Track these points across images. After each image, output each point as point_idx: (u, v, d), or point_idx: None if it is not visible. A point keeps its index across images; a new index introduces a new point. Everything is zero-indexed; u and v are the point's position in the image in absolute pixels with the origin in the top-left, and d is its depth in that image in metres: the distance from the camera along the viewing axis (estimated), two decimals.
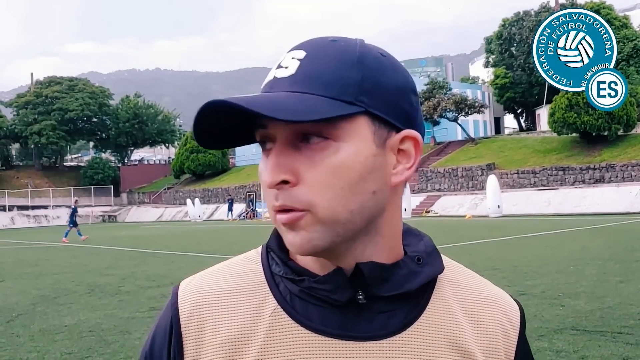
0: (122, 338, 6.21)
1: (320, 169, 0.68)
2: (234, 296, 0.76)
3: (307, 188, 0.68)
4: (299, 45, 0.72)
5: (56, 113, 64.95)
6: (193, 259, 14.27)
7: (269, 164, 0.69)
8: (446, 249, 13.57)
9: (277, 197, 0.68)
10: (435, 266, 0.78)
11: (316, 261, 0.74)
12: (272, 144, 0.69)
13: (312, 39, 0.73)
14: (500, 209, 29.39)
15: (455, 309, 0.78)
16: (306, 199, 0.68)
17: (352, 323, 0.73)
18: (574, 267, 9.89)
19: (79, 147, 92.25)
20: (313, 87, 0.67)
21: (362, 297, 0.72)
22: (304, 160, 0.68)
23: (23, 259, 17.10)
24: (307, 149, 0.68)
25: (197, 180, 58.62)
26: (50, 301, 8.90)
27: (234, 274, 0.79)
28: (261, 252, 0.82)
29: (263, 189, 0.72)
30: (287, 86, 0.68)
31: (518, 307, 0.85)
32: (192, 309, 0.76)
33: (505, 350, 0.79)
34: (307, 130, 0.68)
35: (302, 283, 0.74)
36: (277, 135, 0.69)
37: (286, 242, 0.71)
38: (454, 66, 77.27)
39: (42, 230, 42.23)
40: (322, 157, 0.68)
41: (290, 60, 0.70)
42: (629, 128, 33.89)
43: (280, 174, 0.67)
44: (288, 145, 0.68)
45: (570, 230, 18.10)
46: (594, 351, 4.99)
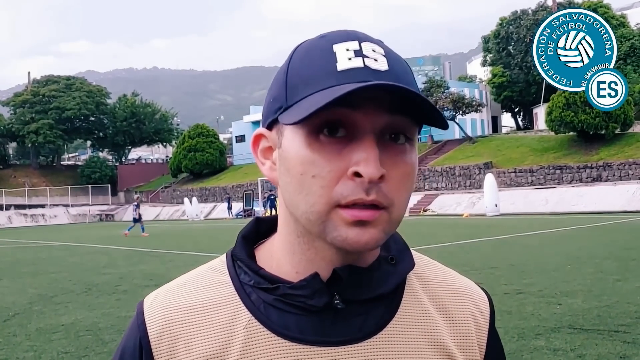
0: (119, 337, 6.17)
1: (401, 170, 0.67)
2: (205, 310, 0.74)
3: (391, 186, 0.67)
4: (365, 38, 0.70)
5: (53, 112, 64.82)
6: (190, 258, 14.26)
7: (371, 156, 0.64)
8: (443, 247, 13.59)
9: (369, 191, 0.65)
10: (407, 263, 0.78)
11: (300, 267, 0.73)
12: (346, 131, 0.66)
13: (362, 32, 0.71)
14: (497, 208, 29.41)
15: (426, 304, 0.78)
16: (390, 197, 0.66)
17: (328, 328, 0.72)
18: (571, 265, 9.90)
19: (76, 146, 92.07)
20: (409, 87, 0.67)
21: (339, 302, 0.71)
22: (387, 158, 0.66)
23: (20, 258, 17.08)
24: (393, 147, 0.67)
25: (194, 179, 58.56)
26: (47, 300, 8.89)
27: (200, 286, 0.76)
28: (226, 261, 0.79)
29: (322, 177, 0.66)
30: (392, 81, 0.66)
31: (486, 296, 0.85)
32: (161, 328, 0.73)
33: (478, 341, 0.79)
34: (400, 130, 0.68)
35: (276, 291, 0.73)
36: (366, 126, 0.66)
37: (343, 237, 0.66)
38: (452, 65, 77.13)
39: (40, 229, 42.18)
40: (403, 158, 0.68)
41: (373, 53, 0.68)
42: (626, 127, 33.96)
43: (381, 167, 0.65)
44: (376, 139, 0.66)
45: (568, 229, 18.12)
46: (591, 349, 4.99)
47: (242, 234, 0.80)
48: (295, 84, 0.68)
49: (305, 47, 0.71)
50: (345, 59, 0.67)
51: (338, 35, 0.70)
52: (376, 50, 0.68)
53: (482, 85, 58.15)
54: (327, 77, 0.66)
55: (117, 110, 70.22)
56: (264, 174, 0.75)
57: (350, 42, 0.68)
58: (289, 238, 0.74)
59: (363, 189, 0.65)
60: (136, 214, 26.93)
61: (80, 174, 65.88)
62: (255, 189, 44.86)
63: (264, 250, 0.79)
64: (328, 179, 0.66)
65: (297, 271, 0.73)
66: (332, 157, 0.66)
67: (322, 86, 0.66)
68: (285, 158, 0.69)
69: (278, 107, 0.70)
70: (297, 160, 0.67)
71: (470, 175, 37.23)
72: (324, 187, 0.66)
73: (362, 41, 0.69)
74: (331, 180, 0.66)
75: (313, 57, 0.69)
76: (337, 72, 0.66)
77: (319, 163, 0.66)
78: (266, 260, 0.77)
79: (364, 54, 0.67)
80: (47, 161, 72.46)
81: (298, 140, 0.67)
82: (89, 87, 69.68)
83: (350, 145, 0.66)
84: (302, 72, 0.69)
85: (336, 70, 0.66)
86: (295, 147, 0.68)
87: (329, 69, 0.67)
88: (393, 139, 0.67)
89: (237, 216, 44.19)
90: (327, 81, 0.66)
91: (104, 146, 73.69)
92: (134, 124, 69.14)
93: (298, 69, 0.69)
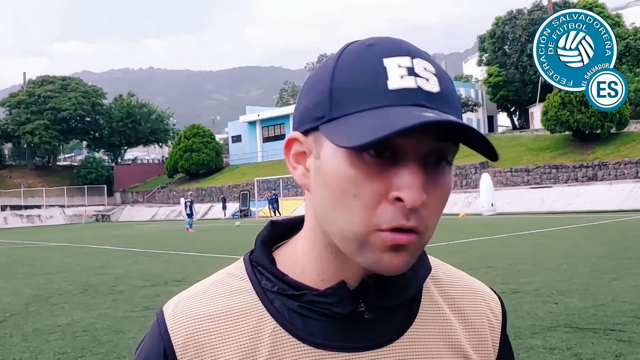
0: (116, 338, 6.19)
1: (439, 194, 0.66)
2: (229, 319, 0.73)
3: (428, 212, 0.65)
4: (416, 53, 0.67)
5: (49, 112, 64.61)
6: (187, 258, 14.23)
7: (416, 182, 0.62)
8: (440, 247, 13.59)
9: (409, 216, 0.63)
10: (425, 268, 0.78)
11: (326, 275, 0.73)
12: (390, 153, 0.64)
13: (413, 45, 0.69)
14: (493, 207, 29.47)
15: (443, 306, 0.79)
16: (426, 222, 0.65)
17: (352, 334, 0.72)
18: (567, 264, 9.92)
19: (72, 146, 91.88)
20: (457, 112, 0.66)
21: (364, 310, 0.72)
22: (429, 183, 0.64)
23: (16, 258, 17.02)
24: (434, 172, 0.65)
25: (190, 179, 58.48)
26: (44, 301, 8.86)
27: (221, 293, 0.76)
28: (245, 267, 0.78)
29: (363, 197, 0.64)
30: (443, 106, 0.65)
31: (498, 298, 0.86)
32: (186, 337, 0.72)
33: (492, 342, 0.81)
34: (444, 155, 0.66)
35: (302, 298, 0.72)
36: (412, 149, 0.63)
37: (376, 260, 0.65)
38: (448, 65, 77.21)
39: (35, 230, 42.07)
40: (443, 182, 0.66)
41: (425, 72, 0.66)
42: (622, 126, 34.05)
43: (424, 193, 0.63)
44: (420, 163, 0.64)
45: (564, 228, 18.17)
46: (587, 348, 5.00)
47: (260, 238, 0.79)
48: (342, 95, 0.66)
49: (352, 54, 0.68)
50: (397, 77, 0.64)
51: (389, 47, 0.67)
52: (428, 69, 0.66)
53: (478, 85, 58.23)
54: (378, 95, 0.64)
55: (113, 110, 70.02)
56: (295, 179, 0.73)
57: (402, 58, 0.66)
58: (316, 245, 0.73)
59: (404, 214, 0.63)
60: (190, 209, 28.07)
61: (76, 175, 65.74)
62: (252, 189, 44.83)
63: (285, 255, 0.78)
64: (369, 200, 0.64)
65: (323, 279, 0.73)
66: (375, 178, 0.64)
67: (371, 104, 0.63)
68: (323, 172, 0.67)
69: (320, 116, 0.67)
70: (338, 176, 0.65)
71: (466, 174, 37.28)
72: (365, 209, 0.64)
73: (414, 57, 0.66)
74: (372, 202, 0.64)
75: (362, 69, 0.66)
76: (388, 90, 0.64)
77: (361, 183, 0.64)
78: (289, 266, 0.76)
79: (416, 72, 0.65)
80: (42, 162, 72.25)
81: (340, 156, 0.65)
82: (84, 88, 69.45)
83: (394, 167, 0.63)
84: (349, 83, 0.66)
85: (387, 88, 0.64)
86: (336, 162, 0.65)
87: (380, 86, 0.64)
88: (436, 163, 0.66)
89: (233, 216, 44.15)
90: (377, 99, 0.64)
91: (100, 146, 73.49)
92: (130, 124, 68.97)
93: (344, 78, 0.66)
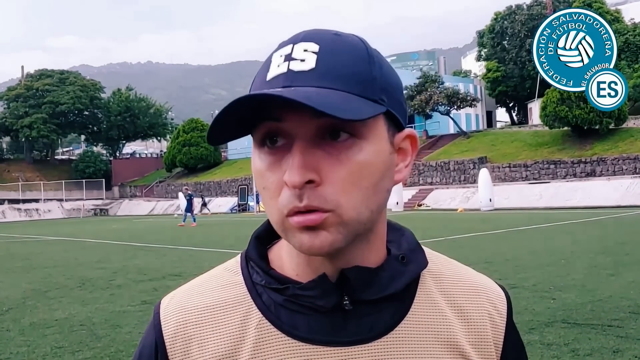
0: (113, 332, 6.19)
1: (347, 168, 0.65)
2: (218, 311, 0.74)
3: (333, 188, 0.65)
4: (305, 37, 0.68)
5: (47, 106, 64.53)
6: (185, 253, 14.23)
7: (294, 163, 0.63)
8: (438, 242, 13.61)
9: (301, 197, 0.64)
10: (419, 262, 0.77)
11: (299, 269, 0.73)
12: (284, 140, 0.66)
13: (314, 30, 0.69)
14: (492, 203, 29.49)
15: (441, 303, 0.77)
16: (333, 199, 0.64)
17: (338, 329, 0.71)
18: (565, 260, 9.94)
19: (70, 140, 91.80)
20: (338, 83, 0.65)
21: (348, 303, 0.71)
22: (328, 158, 0.65)
23: (14, 252, 17.02)
24: (332, 147, 0.65)
25: (189, 173, 58.47)
26: (41, 295, 8.86)
27: (215, 287, 0.77)
28: (240, 261, 0.79)
29: (269, 188, 0.67)
30: (312, 80, 0.64)
31: (504, 292, 0.83)
32: (175, 329, 0.75)
33: (494, 340, 0.78)
34: (337, 127, 0.65)
35: (286, 291, 0.72)
36: (297, 131, 0.65)
37: (299, 243, 0.66)
38: (446, 60, 77.30)
39: (33, 223, 42.03)
40: (348, 155, 0.65)
41: (304, 53, 0.66)
42: (620, 122, 34.04)
43: (307, 173, 0.63)
44: (311, 142, 0.65)
45: (562, 224, 18.19)
46: (584, 344, 5.01)
47: (255, 234, 0.80)
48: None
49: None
50: (275, 67, 0.67)
51: (286, 40, 0.69)
52: (308, 49, 0.66)
53: (476, 80, 58.26)
54: (261, 89, 0.66)
55: (112, 104, 69.93)
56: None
57: (285, 47, 0.67)
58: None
59: (296, 196, 0.64)
60: (190, 204, 28.42)
61: (74, 169, 65.71)
62: (250, 183, 44.82)
63: (275, 251, 0.79)
64: (273, 190, 0.66)
65: (297, 274, 0.73)
66: (274, 168, 0.66)
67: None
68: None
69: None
70: (254, 172, 0.69)
71: (464, 170, 37.30)
72: (272, 198, 0.67)
73: (297, 43, 0.67)
74: (275, 191, 0.66)
75: (262, 68, 0.69)
76: (265, 82, 0.66)
77: (265, 174, 0.67)
78: (277, 261, 0.77)
79: (292, 56, 0.66)
80: (40, 155, 72.16)
81: (254, 154, 0.69)
82: (83, 82, 69.34)
83: (287, 153, 0.65)
84: (254, 84, 0.69)
85: (265, 80, 0.67)
86: (253, 159, 0.69)
87: (263, 80, 0.67)
88: (332, 138, 0.65)
89: (231, 211, 44.17)
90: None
91: (98, 141, 73.44)
92: (128, 119, 68.90)
93: (255, 79, 0.70)
